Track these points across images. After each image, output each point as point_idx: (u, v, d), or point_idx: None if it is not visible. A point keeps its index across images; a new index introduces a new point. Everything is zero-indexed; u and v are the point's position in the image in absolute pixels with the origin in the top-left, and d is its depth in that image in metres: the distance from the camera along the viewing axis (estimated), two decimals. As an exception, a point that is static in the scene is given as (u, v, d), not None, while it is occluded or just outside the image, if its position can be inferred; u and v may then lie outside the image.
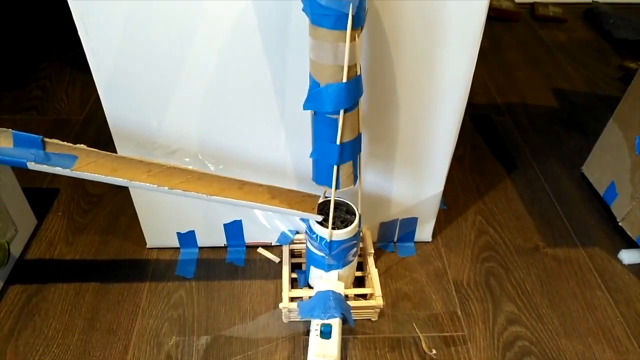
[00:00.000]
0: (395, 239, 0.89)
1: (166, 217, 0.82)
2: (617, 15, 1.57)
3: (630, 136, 0.89)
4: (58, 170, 0.59)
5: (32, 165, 0.58)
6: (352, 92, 0.57)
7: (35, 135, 0.59)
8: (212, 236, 0.85)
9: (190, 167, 0.66)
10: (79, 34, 0.61)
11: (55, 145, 0.61)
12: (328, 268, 0.72)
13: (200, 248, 0.87)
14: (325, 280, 0.73)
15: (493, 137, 1.15)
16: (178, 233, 0.84)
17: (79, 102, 1.21)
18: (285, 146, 0.73)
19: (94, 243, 0.87)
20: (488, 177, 1.04)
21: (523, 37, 1.57)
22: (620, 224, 0.91)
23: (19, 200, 0.85)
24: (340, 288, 0.72)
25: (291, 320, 0.76)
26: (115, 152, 0.71)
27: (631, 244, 0.89)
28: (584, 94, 1.31)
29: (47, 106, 1.18)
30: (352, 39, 0.53)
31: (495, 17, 1.63)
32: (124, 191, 0.95)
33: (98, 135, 1.10)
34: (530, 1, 1.72)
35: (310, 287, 0.78)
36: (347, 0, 0.50)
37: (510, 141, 1.14)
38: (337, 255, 0.70)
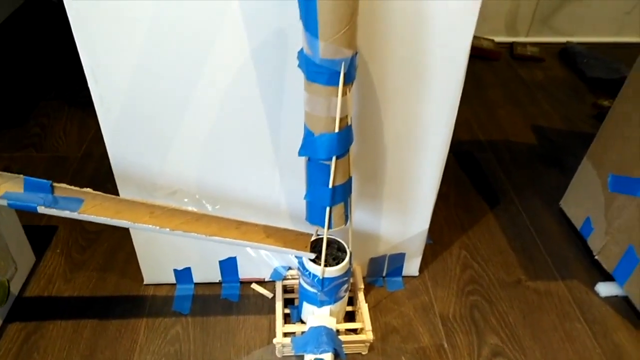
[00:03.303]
0: (384, 274, 0.92)
1: (164, 254, 0.85)
2: (590, 54, 1.66)
3: (603, 174, 0.95)
4: (66, 213, 0.62)
5: (42, 209, 0.61)
6: (343, 140, 0.61)
7: (45, 181, 0.63)
8: (207, 272, 0.88)
9: (190, 208, 0.70)
10: (89, 83, 0.65)
11: (63, 189, 0.64)
12: (320, 304, 0.75)
13: (196, 284, 0.90)
14: (318, 316, 0.76)
15: (476, 174, 1.20)
16: (175, 270, 0.87)
17: (77, 139, 1.24)
18: (280, 187, 0.77)
19: (92, 280, 0.90)
20: (472, 213, 1.09)
21: (504, 75, 1.65)
22: (596, 257, 0.96)
23: (19, 238, 0.87)
24: (332, 323, 0.75)
25: (285, 355, 0.79)
26: (114, 189, 0.74)
27: (607, 277, 0.94)
28: (561, 130, 1.37)
29: (46, 144, 1.22)
30: (344, 93, 0.58)
31: (477, 56, 1.72)
32: (120, 228, 0.97)
33: (95, 172, 1.13)
34: (510, 41, 1.81)
35: (302, 322, 0.81)
36: (340, 59, 0.55)
37: (493, 177, 1.19)
38: (329, 291, 0.74)
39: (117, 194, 0.75)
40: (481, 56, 1.73)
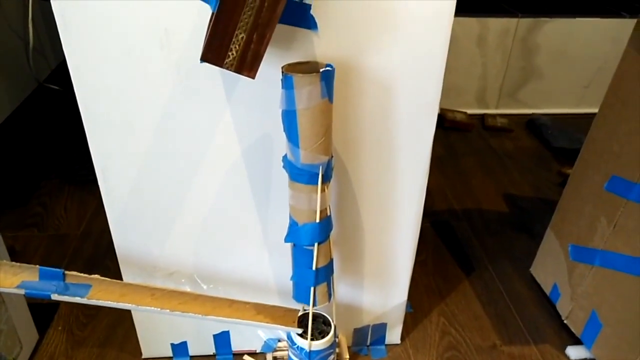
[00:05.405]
0: (368, 343, 0.98)
1: (162, 329, 0.91)
2: (554, 126, 1.80)
3: (564, 243, 1.04)
4: (77, 299, 0.69)
5: (55, 297, 0.68)
6: (324, 229, 0.70)
7: (57, 270, 0.70)
8: (202, 346, 0.94)
9: (187, 289, 0.77)
10: (99, 181, 0.74)
11: (74, 276, 0.71)
12: (308, 375, 0.81)
13: (192, 357, 0.95)
14: (306, 387, 0.81)
15: (452, 242, 1.29)
16: (172, 344, 0.93)
17: (77, 217, 1.32)
18: (269, 267, 0.85)
19: (93, 356, 0.95)
20: (449, 280, 1.17)
21: (476, 145, 1.78)
22: (565, 322, 1.04)
23: (24, 318, 0.93)
24: (319, 393, 0.81)
25: None
26: (113, 266, 0.81)
27: (576, 341, 1.01)
28: (530, 198, 1.48)
29: (47, 222, 1.29)
30: (322, 190, 0.67)
31: (451, 128, 1.85)
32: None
33: (95, 249, 1.20)
34: (481, 113, 1.95)
35: (292, 392, 0.86)
36: (318, 163, 0.65)
37: (467, 245, 1.28)
38: (316, 363, 0.80)
39: (117, 271, 0.82)
40: (455, 128, 1.86)
